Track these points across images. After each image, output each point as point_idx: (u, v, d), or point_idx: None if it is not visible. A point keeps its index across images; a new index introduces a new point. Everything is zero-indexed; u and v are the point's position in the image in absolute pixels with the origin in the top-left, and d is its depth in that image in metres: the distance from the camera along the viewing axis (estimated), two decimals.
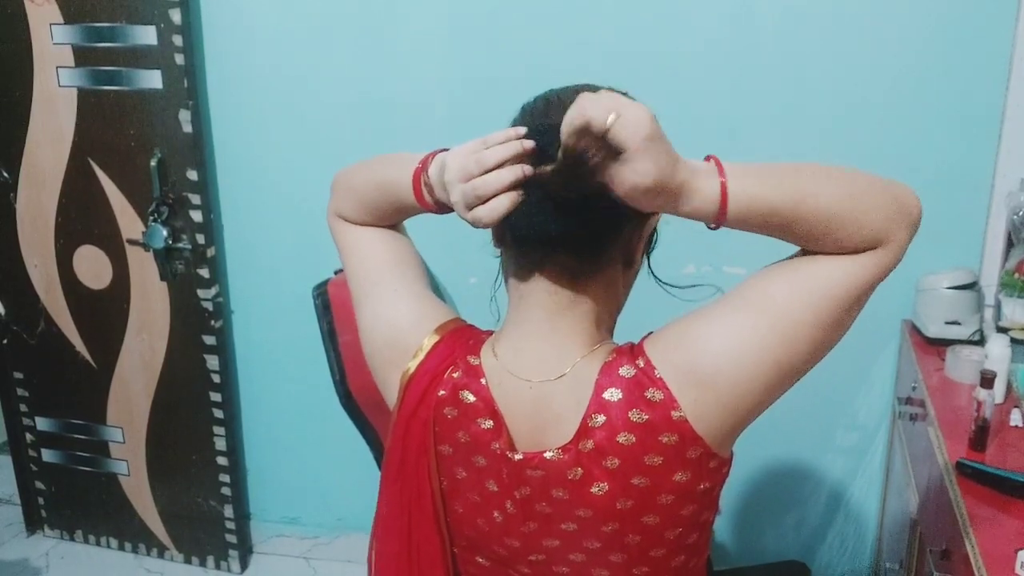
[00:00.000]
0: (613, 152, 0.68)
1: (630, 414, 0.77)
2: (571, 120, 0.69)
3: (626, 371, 0.79)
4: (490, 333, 0.90)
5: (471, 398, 0.85)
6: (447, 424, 0.86)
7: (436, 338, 0.90)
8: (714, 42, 1.97)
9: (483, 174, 0.74)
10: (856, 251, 0.75)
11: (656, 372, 0.78)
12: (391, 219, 0.96)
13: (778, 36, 1.94)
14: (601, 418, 0.78)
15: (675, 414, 0.77)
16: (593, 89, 0.81)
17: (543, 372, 0.82)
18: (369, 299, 0.95)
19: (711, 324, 0.78)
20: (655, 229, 0.86)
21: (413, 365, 0.89)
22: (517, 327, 0.85)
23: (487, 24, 2.07)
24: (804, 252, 0.78)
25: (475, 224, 0.76)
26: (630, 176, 0.69)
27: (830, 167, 0.76)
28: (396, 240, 0.98)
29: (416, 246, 1.02)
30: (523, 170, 0.73)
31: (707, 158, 0.74)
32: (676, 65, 1.99)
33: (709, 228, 0.76)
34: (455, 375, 0.86)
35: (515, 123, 0.82)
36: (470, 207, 0.75)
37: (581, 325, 0.83)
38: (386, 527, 0.94)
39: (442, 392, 0.87)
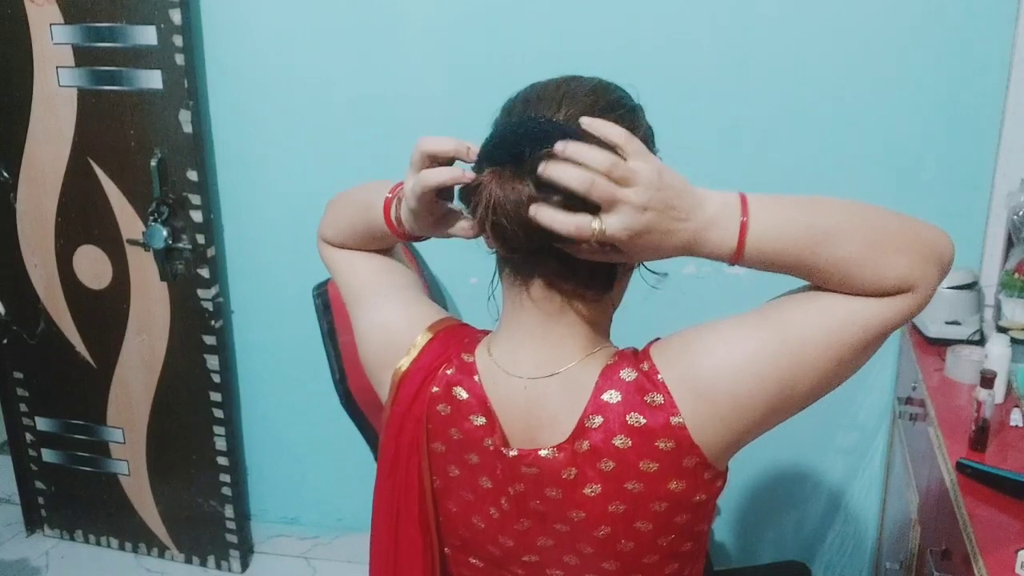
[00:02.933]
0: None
1: (628, 417, 0.77)
2: (553, 222, 0.71)
3: (627, 374, 0.79)
4: (485, 332, 0.90)
5: (464, 395, 0.85)
6: (440, 421, 0.86)
7: (430, 335, 0.90)
8: (713, 41, 1.97)
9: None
10: (878, 295, 0.73)
11: (659, 376, 0.77)
12: (366, 244, 0.97)
13: (777, 35, 1.94)
14: (598, 419, 0.78)
15: (674, 420, 0.76)
16: (578, 83, 0.81)
17: (539, 370, 0.82)
18: (362, 308, 0.96)
19: (721, 336, 0.77)
20: None
21: (406, 362, 0.89)
22: (513, 327, 0.84)
23: (486, 21, 2.07)
24: None
25: (418, 190, 0.78)
26: (619, 257, 0.74)
27: (856, 209, 0.74)
28: (385, 255, 1.00)
29: (417, 246, 1.02)
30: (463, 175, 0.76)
31: (737, 196, 0.73)
32: (675, 63, 1.99)
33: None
34: (448, 372, 0.87)
35: (497, 123, 0.82)
36: (415, 166, 0.79)
37: (579, 325, 0.82)
38: (377, 523, 0.95)
39: (435, 389, 0.87)
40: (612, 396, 0.78)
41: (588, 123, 0.71)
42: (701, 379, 0.76)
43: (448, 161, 0.78)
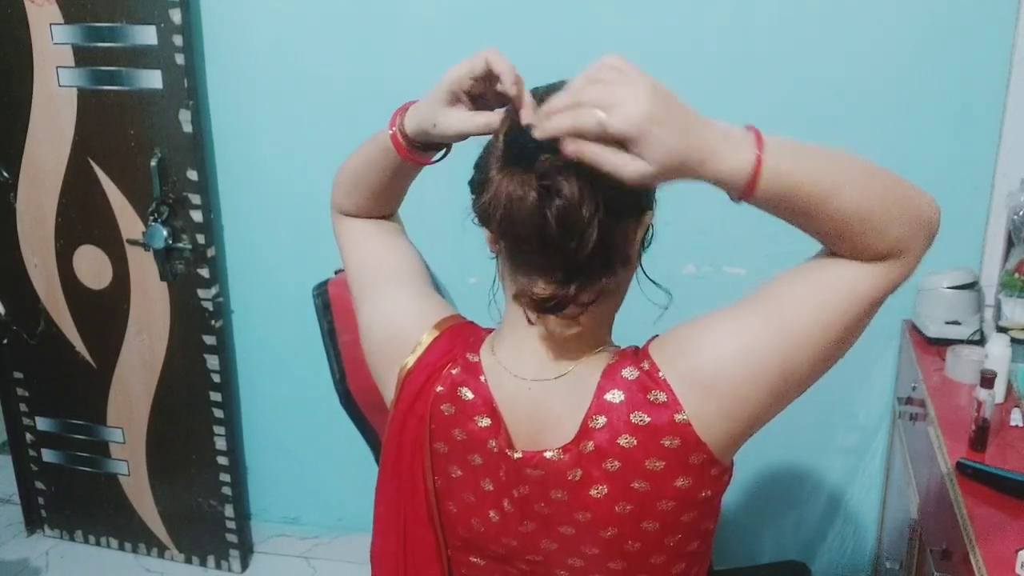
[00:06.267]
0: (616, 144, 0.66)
1: (632, 416, 0.77)
2: (560, 130, 0.67)
3: (629, 373, 0.79)
4: (490, 331, 0.90)
5: (469, 395, 0.85)
6: (443, 421, 0.86)
7: (436, 333, 0.90)
8: (712, 39, 1.97)
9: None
10: (872, 259, 0.73)
11: (660, 374, 0.77)
12: (376, 189, 0.95)
13: (777, 35, 1.94)
14: (602, 419, 0.78)
15: (678, 417, 0.76)
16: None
17: (543, 372, 0.82)
18: (369, 297, 0.95)
19: (717, 328, 0.77)
20: (650, 226, 0.84)
21: (411, 360, 0.89)
22: (515, 327, 0.84)
23: (487, 21, 2.07)
24: (817, 258, 0.77)
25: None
26: (631, 169, 0.66)
27: (866, 164, 0.73)
28: (396, 241, 0.99)
29: (417, 246, 1.02)
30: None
31: (747, 128, 0.70)
32: (675, 63, 1.98)
33: (731, 199, 0.71)
34: (454, 371, 0.86)
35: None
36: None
37: (582, 325, 0.82)
38: (382, 525, 0.94)
39: (440, 388, 0.86)
40: (615, 396, 0.78)
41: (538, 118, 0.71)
42: (702, 374, 0.76)
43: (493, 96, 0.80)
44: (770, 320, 0.75)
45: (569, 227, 0.73)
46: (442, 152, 0.89)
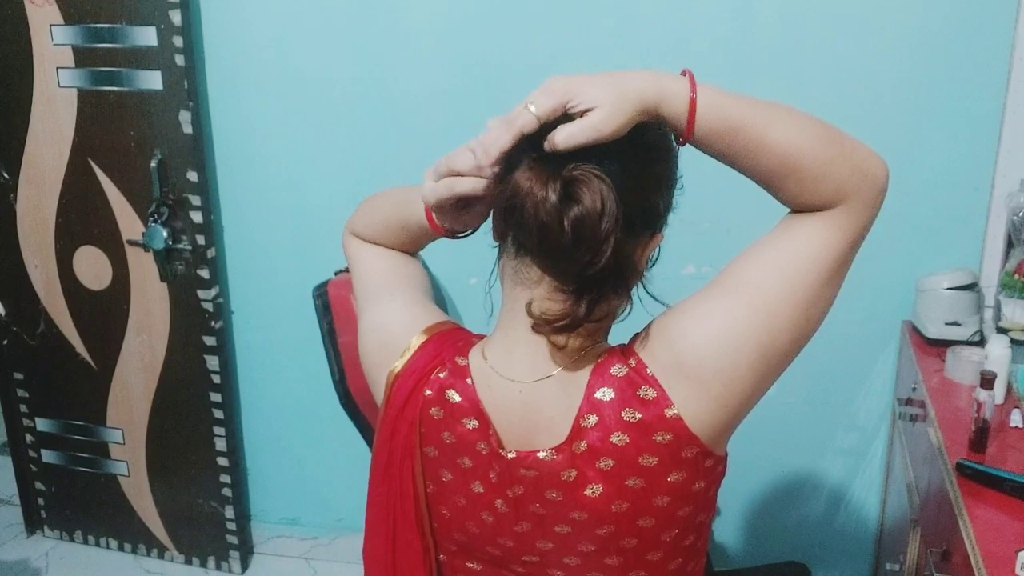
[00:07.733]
0: (568, 118, 0.72)
1: (623, 413, 0.77)
2: (509, 142, 0.73)
3: (618, 370, 0.79)
4: (481, 336, 0.90)
5: (457, 398, 0.85)
6: (432, 425, 0.86)
7: (424, 338, 0.90)
8: (712, 39, 1.97)
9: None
10: (816, 206, 0.75)
11: (648, 370, 0.78)
12: (401, 240, 0.98)
13: (777, 35, 1.94)
14: (594, 418, 0.78)
15: (669, 412, 0.76)
16: None
17: (532, 373, 0.82)
18: (369, 305, 0.97)
19: (690, 316, 0.78)
20: (658, 247, 0.84)
21: (400, 364, 0.89)
22: (509, 331, 0.84)
23: (486, 22, 2.07)
24: (775, 227, 0.78)
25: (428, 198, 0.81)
26: (595, 120, 0.71)
27: (806, 113, 0.77)
28: (402, 255, 1.01)
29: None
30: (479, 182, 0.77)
31: (683, 72, 0.76)
32: (674, 62, 1.98)
33: (677, 143, 0.77)
34: (441, 375, 0.86)
35: None
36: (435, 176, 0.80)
37: (576, 333, 0.81)
38: (373, 529, 0.95)
39: (428, 392, 0.86)
40: (605, 394, 0.78)
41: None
42: (685, 364, 0.76)
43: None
44: (739, 299, 0.76)
45: (584, 239, 0.72)
46: (470, 230, 0.90)
